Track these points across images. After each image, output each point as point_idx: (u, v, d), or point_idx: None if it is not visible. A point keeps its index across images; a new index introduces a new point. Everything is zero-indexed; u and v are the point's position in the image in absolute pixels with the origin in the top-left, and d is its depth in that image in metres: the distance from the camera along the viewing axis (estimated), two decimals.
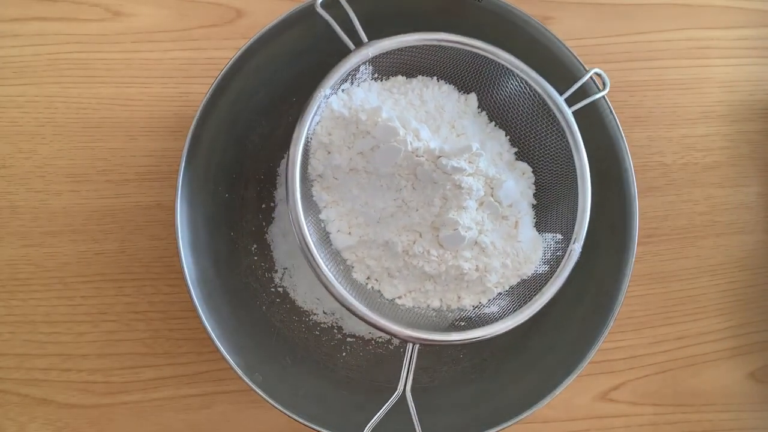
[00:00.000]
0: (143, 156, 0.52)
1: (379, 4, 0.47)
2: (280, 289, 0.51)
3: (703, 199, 0.57)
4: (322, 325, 0.50)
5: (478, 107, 0.48)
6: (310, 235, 0.40)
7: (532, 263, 0.45)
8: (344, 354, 0.50)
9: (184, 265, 0.42)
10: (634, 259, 0.46)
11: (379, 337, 0.51)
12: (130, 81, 0.53)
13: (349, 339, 0.50)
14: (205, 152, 0.45)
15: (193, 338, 0.51)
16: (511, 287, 0.46)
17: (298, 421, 0.43)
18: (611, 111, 0.48)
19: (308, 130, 0.41)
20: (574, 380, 0.45)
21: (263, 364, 0.45)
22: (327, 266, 0.40)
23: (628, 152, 0.47)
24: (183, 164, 0.43)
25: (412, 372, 0.38)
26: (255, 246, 0.50)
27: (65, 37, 0.52)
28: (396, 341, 0.51)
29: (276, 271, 0.51)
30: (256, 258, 0.50)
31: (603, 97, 0.47)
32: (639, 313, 0.55)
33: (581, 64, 0.46)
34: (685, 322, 0.55)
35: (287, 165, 0.41)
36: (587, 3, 0.58)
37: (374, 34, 0.43)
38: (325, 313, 0.51)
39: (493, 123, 0.49)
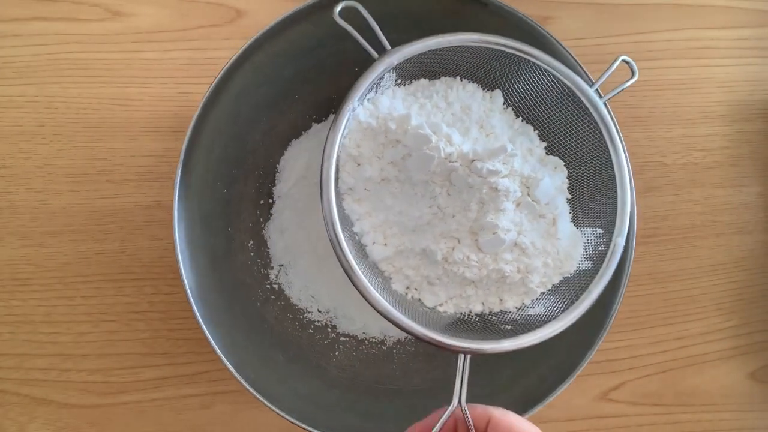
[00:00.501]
0: (143, 156, 0.52)
1: (385, 8, 0.47)
2: (275, 286, 0.51)
3: (703, 199, 0.57)
4: (316, 323, 0.51)
5: (504, 103, 0.48)
6: (350, 250, 0.40)
7: (574, 260, 0.45)
8: (337, 353, 0.50)
9: (180, 261, 0.42)
10: (632, 261, 0.46)
11: (373, 338, 0.51)
12: (130, 81, 0.53)
13: (342, 338, 0.51)
14: (204, 148, 0.45)
15: (192, 338, 0.51)
16: (554, 286, 0.45)
17: (290, 421, 0.43)
18: (610, 112, 0.48)
19: (338, 145, 0.41)
20: (574, 380, 0.45)
21: (256, 361, 0.45)
22: (369, 281, 0.40)
23: (627, 153, 0.47)
24: (182, 159, 0.44)
25: (465, 383, 0.37)
26: (252, 242, 0.50)
27: (65, 37, 0.52)
28: (389, 342, 0.51)
29: (272, 268, 0.51)
30: (252, 254, 0.50)
31: (600, 96, 0.47)
32: (639, 313, 0.55)
33: (586, 72, 0.46)
34: (685, 322, 0.55)
35: (321, 183, 0.40)
36: (587, 3, 0.58)
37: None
38: (319, 311, 0.51)
39: (521, 119, 0.48)
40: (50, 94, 0.52)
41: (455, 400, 0.37)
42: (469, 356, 0.38)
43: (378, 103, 0.44)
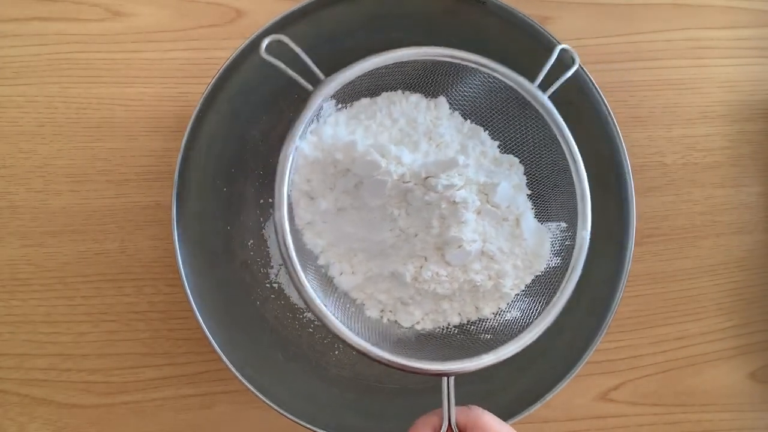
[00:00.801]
0: (143, 156, 0.52)
1: (384, 8, 0.47)
2: (275, 285, 0.51)
3: (703, 199, 0.57)
4: (316, 322, 0.50)
5: (450, 108, 0.47)
6: (316, 291, 0.39)
7: (542, 257, 0.44)
8: (336, 352, 0.50)
9: (180, 261, 0.42)
10: (630, 262, 0.46)
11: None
12: (130, 81, 0.53)
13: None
14: (204, 147, 0.45)
15: (192, 338, 0.51)
16: (527, 286, 0.45)
17: (290, 419, 0.43)
18: (609, 112, 0.48)
19: (287, 184, 0.39)
20: (574, 380, 0.45)
21: (256, 360, 0.45)
22: (337, 316, 0.39)
23: (626, 153, 0.47)
24: (180, 158, 0.44)
25: (453, 407, 0.36)
26: (251, 241, 0.50)
27: (65, 37, 0.52)
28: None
29: (272, 267, 0.51)
30: (252, 253, 0.50)
31: (600, 96, 0.47)
32: (639, 313, 0.55)
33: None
34: (685, 322, 0.55)
35: (275, 229, 0.39)
36: (587, 3, 0.58)
37: (378, 35, 0.42)
38: None
39: (469, 121, 0.48)
40: (50, 94, 0.52)
41: (445, 422, 0.36)
42: (452, 378, 0.37)
43: (321, 134, 0.43)
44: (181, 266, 0.43)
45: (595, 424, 0.53)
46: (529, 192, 0.46)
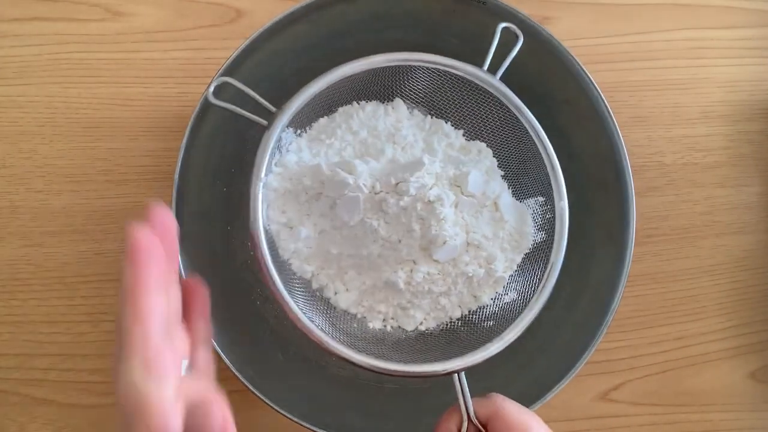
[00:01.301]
0: (143, 156, 0.52)
1: (384, 8, 0.47)
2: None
3: (703, 199, 0.57)
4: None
5: (408, 108, 0.48)
6: (314, 317, 0.40)
7: (527, 234, 0.45)
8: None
9: (180, 260, 0.42)
10: (630, 262, 0.46)
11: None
12: (130, 81, 0.53)
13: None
14: (203, 147, 0.45)
15: None
16: (519, 266, 0.45)
17: (290, 419, 0.43)
18: (609, 112, 0.48)
19: (263, 222, 0.40)
20: (574, 380, 0.45)
21: (255, 360, 0.45)
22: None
23: (626, 153, 0.47)
24: (180, 158, 0.44)
25: (470, 399, 0.37)
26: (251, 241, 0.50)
27: (65, 37, 0.52)
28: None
29: None
30: (252, 253, 0.50)
31: (600, 96, 0.47)
32: (639, 313, 0.55)
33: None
34: (685, 322, 0.55)
35: (260, 267, 0.39)
36: (587, 3, 0.58)
37: (378, 34, 0.42)
38: None
39: (430, 116, 0.48)
40: (50, 94, 0.52)
41: (465, 419, 0.37)
42: (463, 373, 0.38)
43: (286, 164, 0.44)
44: (181, 266, 0.43)
45: (595, 424, 0.53)
46: (501, 173, 0.47)
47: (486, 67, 0.43)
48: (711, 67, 0.58)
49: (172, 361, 0.29)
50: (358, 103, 0.48)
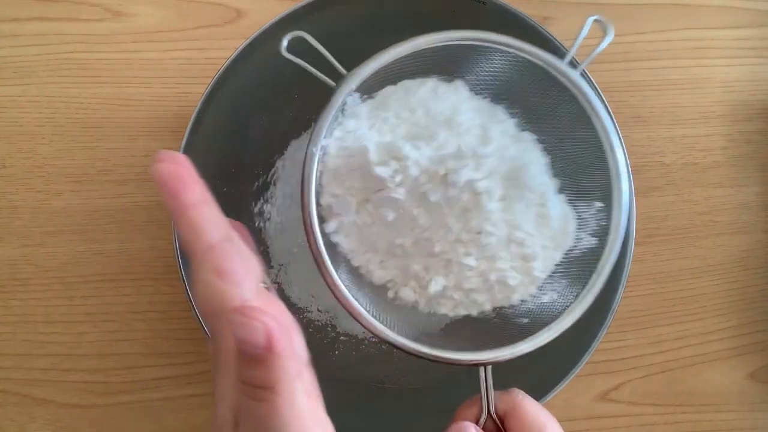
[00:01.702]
0: (143, 156, 0.52)
1: (384, 7, 0.47)
2: (275, 285, 0.51)
3: (703, 199, 0.57)
4: (316, 322, 0.50)
5: (470, 90, 0.46)
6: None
7: (569, 233, 0.43)
8: (336, 352, 0.50)
9: (180, 261, 0.42)
10: (630, 262, 0.46)
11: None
12: (130, 81, 0.53)
13: (342, 337, 0.50)
14: (203, 147, 0.45)
15: (193, 338, 0.51)
16: (561, 267, 0.43)
17: None
18: (609, 112, 0.48)
19: (314, 187, 0.39)
20: (574, 380, 0.45)
21: None
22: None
23: (626, 153, 0.47)
24: None
25: (492, 393, 0.37)
26: None
27: (65, 37, 0.52)
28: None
29: (272, 267, 0.51)
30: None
31: (600, 96, 0.47)
32: (639, 313, 0.55)
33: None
34: (685, 322, 0.55)
35: (306, 229, 0.38)
36: (587, 3, 0.58)
37: (377, 35, 0.42)
38: (319, 310, 0.51)
39: (488, 100, 0.46)
40: (50, 94, 0.52)
41: (485, 411, 0.36)
42: (489, 367, 0.37)
43: (344, 130, 0.43)
44: (181, 266, 0.43)
45: (595, 424, 0.53)
46: (552, 171, 0.45)
47: (568, 60, 0.41)
48: (711, 67, 0.58)
49: (245, 270, 0.28)
50: (421, 78, 0.45)
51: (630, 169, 0.47)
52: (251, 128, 0.49)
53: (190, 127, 0.44)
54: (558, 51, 0.47)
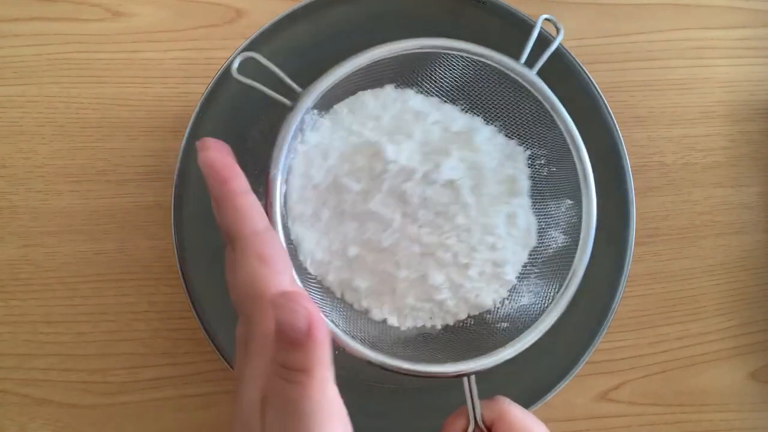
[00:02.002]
0: (143, 156, 0.52)
1: (383, 8, 0.47)
2: None
3: (703, 199, 0.57)
4: None
5: (432, 98, 0.46)
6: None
7: (531, 233, 0.44)
8: (336, 352, 0.49)
9: (179, 261, 0.42)
10: (630, 262, 0.46)
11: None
12: (130, 81, 0.53)
13: None
14: None
15: (193, 338, 0.51)
16: (532, 267, 0.44)
17: None
18: (609, 112, 0.48)
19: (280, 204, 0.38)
20: (574, 380, 0.45)
21: None
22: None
23: (626, 153, 0.47)
24: (180, 158, 0.44)
25: (478, 403, 0.37)
26: None
27: (65, 37, 0.52)
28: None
29: None
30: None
31: (600, 96, 0.47)
32: (639, 313, 0.55)
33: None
34: (685, 322, 0.55)
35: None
36: (587, 3, 0.58)
37: (378, 35, 0.42)
38: None
39: (449, 102, 0.47)
40: (50, 94, 0.52)
41: (472, 422, 0.36)
42: (473, 377, 0.38)
43: (307, 144, 0.43)
44: (180, 266, 0.43)
45: (595, 424, 0.53)
46: (528, 171, 0.46)
47: (523, 60, 0.41)
48: (711, 67, 0.58)
49: (285, 260, 0.30)
50: (381, 88, 0.46)
51: (631, 170, 0.47)
52: (251, 129, 0.49)
53: (190, 127, 0.44)
54: (557, 50, 0.47)
